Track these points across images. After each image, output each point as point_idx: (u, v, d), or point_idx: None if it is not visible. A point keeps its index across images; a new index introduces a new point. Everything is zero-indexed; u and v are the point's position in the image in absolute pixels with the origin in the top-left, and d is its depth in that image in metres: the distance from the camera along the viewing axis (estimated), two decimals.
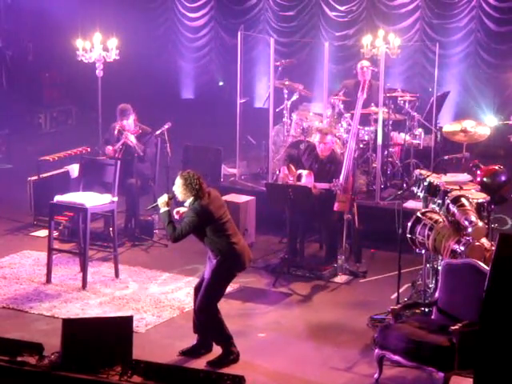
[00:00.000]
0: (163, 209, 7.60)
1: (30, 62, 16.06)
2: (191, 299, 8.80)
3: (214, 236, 7.51)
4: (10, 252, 9.99)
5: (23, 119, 15.38)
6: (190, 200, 7.50)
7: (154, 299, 8.85)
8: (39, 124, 15.60)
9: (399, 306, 7.61)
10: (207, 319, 7.60)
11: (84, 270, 9.16)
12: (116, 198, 9.49)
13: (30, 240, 10.53)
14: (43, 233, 10.41)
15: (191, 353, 7.71)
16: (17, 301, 8.72)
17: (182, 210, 7.70)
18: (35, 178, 11.14)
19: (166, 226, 7.62)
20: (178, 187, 7.52)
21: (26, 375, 6.38)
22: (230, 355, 7.57)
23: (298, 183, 9.72)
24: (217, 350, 7.63)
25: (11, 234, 10.73)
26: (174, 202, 7.74)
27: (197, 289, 7.78)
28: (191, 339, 7.89)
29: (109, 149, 10.54)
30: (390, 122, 11.45)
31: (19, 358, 6.55)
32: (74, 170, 10.99)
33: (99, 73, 11.09)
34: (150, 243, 10.49)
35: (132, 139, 10.50)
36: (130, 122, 10.56)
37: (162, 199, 7.61)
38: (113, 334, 6.53)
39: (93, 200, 9.34)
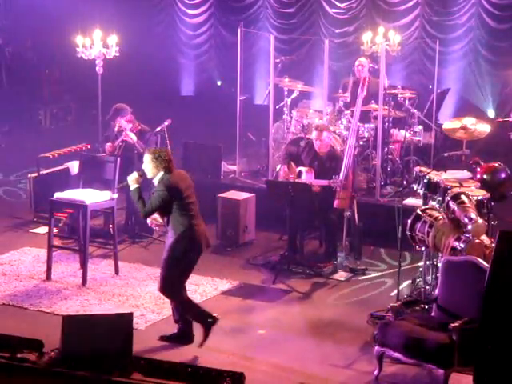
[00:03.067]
0: (133, 186, 7.78)
1: (29, 59, 16.06)
2: (191, 296, 8.82)
3: (178, 214, 7.64)
4: (9, 249, 9.99)
5: (23, 116, 15.38)
6: (159, 175, 7.65)
7: (153, 296, 8.84)
8: (39, 121, 15.59)
9: (399, 303, 7.61)
10: (174, 298, 7.77)
11: (84, 266, 9.16)
12: (116, 195, 9.48)
13: (29, 237, 10.52)
14: (43, 230, 10.40)
15: (170, 339, 7.85)
16: (17, 297, 8.72)
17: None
18: (35, 174, 11.14)
19: (136, 202, 7.78)
20: (148, 163, 7.68)
21: (26, 372, 6.39)
22: (186, 338, 7.76)
23: (299, 180, 9.72)
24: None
25: (11, 231, 10.73)
26: (143, 179, 7.87)
27: None
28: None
29: (108, 146, 10.54)
30: (390, 119, 11.45)
31: (19, 355, 6.55)
32: (74, 166, 10.99)
33: (99, 69, 11.09)
34: (150, 240, 10.49)
35: (132, 137, 10.49)
36: (123, 120, 10.51)
37: (132, 177, 7.79)
38: (113, 331, 6.53)
39: (93, 197, 9.33)
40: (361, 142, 11.34)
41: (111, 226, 9.80)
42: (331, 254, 9.73)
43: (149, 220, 8.00)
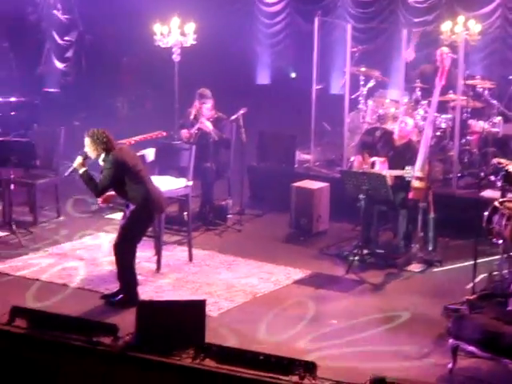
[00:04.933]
0: (81, 170, 8.12)
1: (108, 47, 16.25)
2: (264, 284, 8.86)
3: (131, 184, 8.07)
4: (86, 234, 10.13)
5: (101, 103, 15.57)
6: (103, 156, 8.05)
7: (227, 284, 8.88)
8: (116, 108, 15.76)
9: (475, 296, 7.50)
10: (121, 258, 8.17)
11: (158, 253, 9.24)
12: (191, 183, 9.55)
13: (105, 222, 10.66)
14: (119, 215, 10.51)
15: (110, 296, 8.32)
16: (92, 282, 8.85)
17: None
18: None
19: (87, 183, 8.14)
20: (88, 146, 8.06)
21: (100, 355, 6.48)
22: (131, 302, 7.90)
23: (373, 170, 9.65)
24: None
25: (87, 217, 10.89)
26: (88, 161, 8.18)
27: None
28: (263, 324, 7.93)
29: (184, 132, 10.63)
30: (469, 110, 11.27)
31: (94, 339, 6.65)
32: (150, 154, 11.06)
33: (176, 57, 11.17)
34: (224, 228, 10.53)
35: (208, 125, 10.55)
36: (207, 106, 10.61)
37: (77, 161, 8.13)
38: (186, 318, 6.58)
39: (168, 184, 9.41)
40: (438, 133, 11.19)
41: (186, 213, 9.86)
42: (405, 246, 9.64)
43: (100, 200, 8.36)
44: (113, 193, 8.34)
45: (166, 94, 13.68)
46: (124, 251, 8.21)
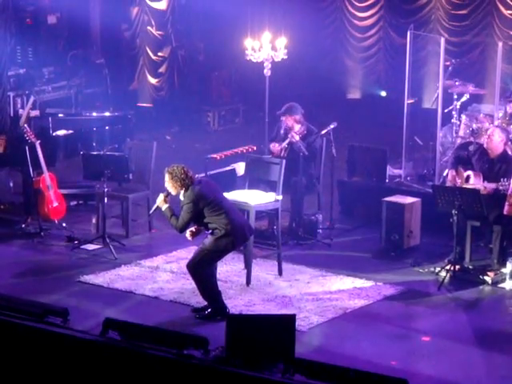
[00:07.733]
0: (164, 206, 8.33)
1: (200, 62, 16.43)
2: (354, 300, 8.78)
3: (212, 216, 8.20)
4: (177, 247, 10.20)
5: (192, 117, 15.75)
6: (182, 191, 8.20)
7: (316, 298, 8.84)
8: (207, 122, 15.91)
9: None
10: (196, 276, 8.32)
11: (248, 267, 9.25)
12: (281, 197, 9.55)
13: None
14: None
15: (200, 310, 8.39)
16: (183, 295, 8.91)
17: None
18: (202, 175, 11.35)
19: (170, 220, 8.32)
20: (168, 182, 8.26)
21: (191, 368, 6.51)
22: (220, 314, 8.15)
23: (466, 185, 9.50)
24: None
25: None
26: (170, 197, 8.37)
27: None
28: (353, 340, 7.86)
29: (274, 145, 10.63)
30: None
31: (185, 352, 6.68)
32: (240, 168, 11.14)
33: (267, 72, 11.21)
34: (314, 242, 10.49)
35: (296, 137, 10.53)
36: (289, 120, 10.57)
37: (159, 199, 8.35)
38: (276, 332, 6.56)
39: (257, 198, 9.43)
40: None
41: (275, 227, 9.86)
42: (500, 262, 9.44)
43: (187, 234, 8.45)
44: (200, 227, 8.46)
45: (257, 109, 13.77)
46: (197, 271, 8.33)
